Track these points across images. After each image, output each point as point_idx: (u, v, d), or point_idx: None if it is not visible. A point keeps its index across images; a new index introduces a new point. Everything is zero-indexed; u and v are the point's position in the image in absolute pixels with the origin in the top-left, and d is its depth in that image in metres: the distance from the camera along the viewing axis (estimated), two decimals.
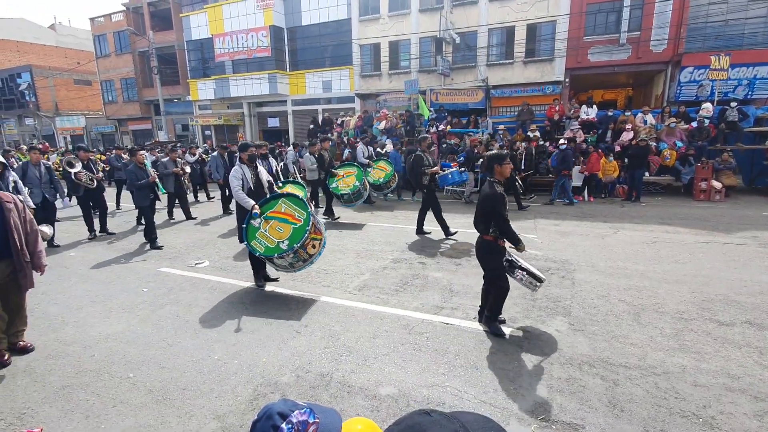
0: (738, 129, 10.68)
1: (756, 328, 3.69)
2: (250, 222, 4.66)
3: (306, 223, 4.41)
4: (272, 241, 4.45)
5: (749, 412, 2.62)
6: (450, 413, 0.69)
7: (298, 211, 4.54)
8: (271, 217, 4.62)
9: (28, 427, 2.64)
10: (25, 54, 34.07)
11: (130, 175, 6.91)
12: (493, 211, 3.48)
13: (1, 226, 3.21)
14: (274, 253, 4.35)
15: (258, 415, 0.79)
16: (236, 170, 4.85)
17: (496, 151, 3.75)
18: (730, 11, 13.17)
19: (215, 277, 5.42)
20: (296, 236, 4.37)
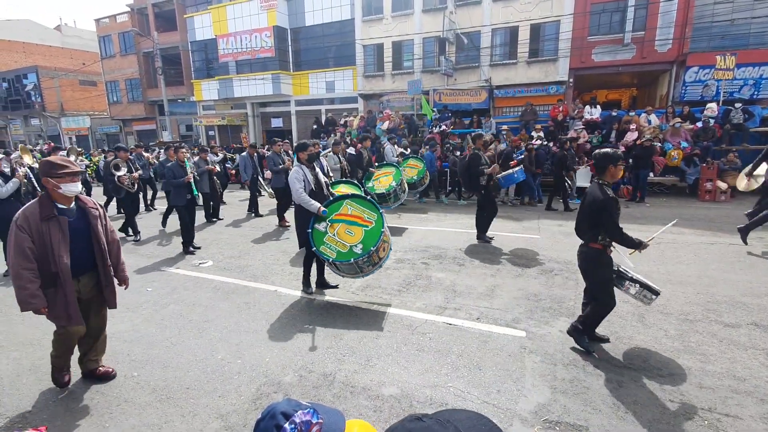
0: (744, 129, 10.61)
1: (762, 329, 3.66)
2: (315, 226, 4.37)
3: (380, 225, 4.19)
4: (344, 246, 4.17)
5: (755, 414, 2.60)
6: (442, 415, 0.68)
7: (368, 213, 4.30)
8: (338, 220, 4.34)
9: (33, 425, 2.66)
10: (31, 55, 34.34)
11: (169, 173, 6.61)
12: (604, 217, 3.13)
13: (85, 235, 2.85)
14: (348, 258, 4.05)
15: (262, 414, 0.79)
16: (297, 171, 4.54)
17: (610, 150, 3.28)
18: (736, 10, 13.07)
19: (219, 277, 5.44)
20: (370, 239, 4.12)
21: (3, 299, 4.92)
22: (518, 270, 5.38)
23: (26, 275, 2.59)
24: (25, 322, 4.24)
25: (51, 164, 2.69)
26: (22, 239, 2.58)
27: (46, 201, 2.70)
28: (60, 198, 2.72)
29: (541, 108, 14.89)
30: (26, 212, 2.64)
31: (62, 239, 2.68)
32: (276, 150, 8.82)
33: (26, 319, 4.32)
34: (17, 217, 2.63)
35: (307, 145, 4.69)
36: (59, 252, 2.67)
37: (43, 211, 2.65)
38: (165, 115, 23.59)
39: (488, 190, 6.45)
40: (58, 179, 2.66)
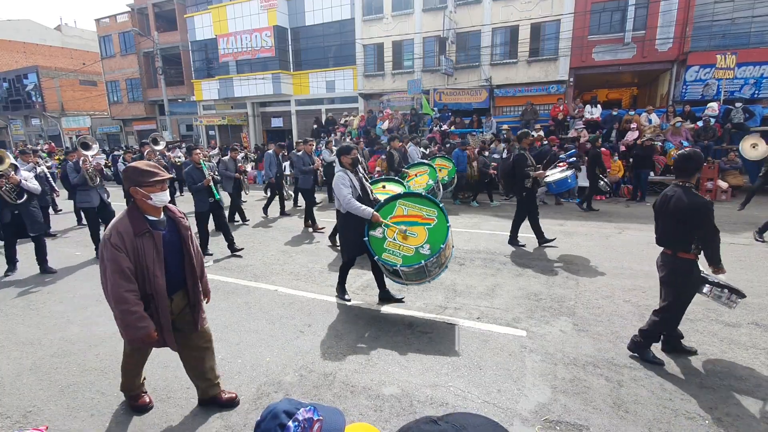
0: (744, 128, 10.59)
1: (763, 329, 3.66)
2: (371, 234, 4.01)
3: (443, 219, 3.85)
4: (409, 249, 3.84)
5: (756, 414, 2.59)
6: (457, 420, 0.66)
7: (426, 209, 3.97)
8: (396, 223, 3.98)
9: (34, 425, 2.66)
10: (31, 55, 34.36)
11: (188, 177, 6.18)
12: (705, 224, 2.85)
13: (176, 249, 2.51)
14: (417, 261, 3.73)
15: (262, 415, 0.79)
16: (342, 177, 4.16)
17: (694, 153, 3.04)
18: (737, 10, 13.05)
19: (219, 277, 5.44)
20: (437, 237, 3.80)
21: (3, 299, 4.93)
22: (518, 269, 5.38)
23: (131, 298, 2.26)
24: (26, 322, 4.24)
25: (138, 171, 2.33)
26: (120, 259, 2.25)
27: (137, 214, 2.35)
28: (150, 209, 2.38)
29: (542, 107, 14.89)
30: (119, 228, 2.29)
31: (157, 256, 2.37)
32: (308, 150, 8.30)
33: (26, 318, 4.33)
34: (109, 234, 2.28)
35: (351, 149, 4.29)
36: (154, 271, 2.35)
37: (135, 226, 2.31)
38: (165, 115, 23.59)
39: (532, 193, 6.08)
40: (147, 188, 2.31)
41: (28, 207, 5.56)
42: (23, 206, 5.50)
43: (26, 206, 5.53)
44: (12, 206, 5.43)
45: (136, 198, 2.35)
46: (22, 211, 5.50)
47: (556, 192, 7.07)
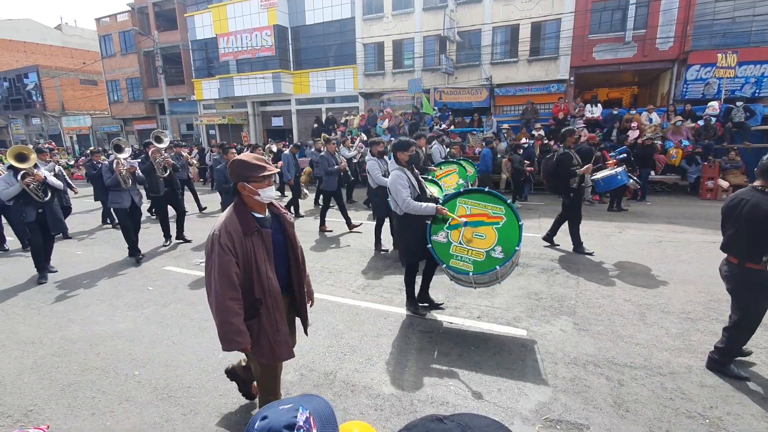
0: (745, 127, 10.58)
1: (763, 328, 3.65)
2: (434, 239, 3.63)
3: (514, 217, 3.46)
4: (479, 253, 3.46)
5: (757, 413, 2.59)
6: (462, 419, 0.66)
7: (492, 207, 3.56)
8: (458, 225, 3.58)
9: (35, 424, 2.66)
10: (31, 54, 34.35)
11: (220, 175, 6.16)
12: None
13: (282, 248, 2.32)
14: (491, 267, 3.37)
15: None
16: (399, 175, 3.79)
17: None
18: (738, 8, 13.02)
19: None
20: (508, 237, 3.43)
21: (4, 298, 4.93)
22: (519, 269, 5.37)
23: (233, 308, 2.06)
24: (26, 321, 4.25)
25: (246, 165, 2.15)
26: (229, 263, 2.04)
27: (244, 211, 2.16)
28: (256, 206, 2.21)
29: (542, 107, 14.87)
30: (228, 227, 2.09)
31: (267, 257, 2.18)
32: (331, 149, 7.92)
33: (27, 317, 4.34)
34: (218, 234, 2.07)
35: (410, 144, 3.90)
36: (266, 273, 2.16)
37: (244, 225, 2.11)
38: (166, 115, 23.59)
39: (578, 193, 5.76)
40: (256, 183, 2.13)
41: (52, 205, 5.45)
42: (48, 204, 5.39)
43: (51, 204, 5.43)
44: (37, 204, 5.30)
45: (242, 194, 2.18)
46: (46, 210, 5.38)
47: (603, 190, 6.61)
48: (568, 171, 5.56)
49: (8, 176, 5.20)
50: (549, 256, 5.81)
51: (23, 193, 5.18)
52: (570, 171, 5.55)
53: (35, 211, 5.31)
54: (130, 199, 6.15)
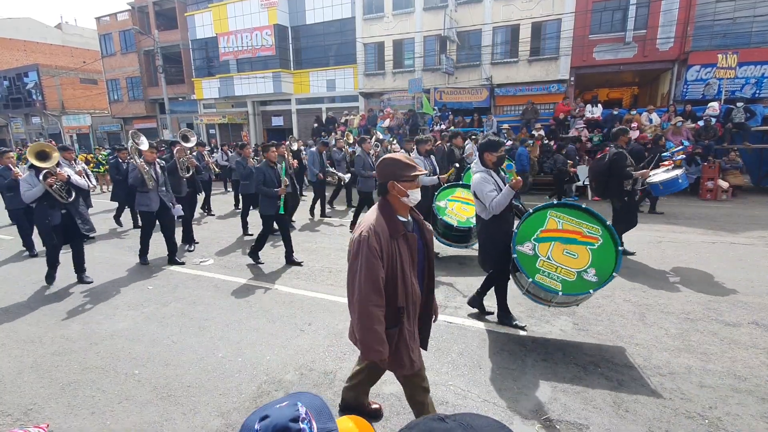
0: (745, 128, 10.58)
1: (763, 329, 3.66)
2: (519, 249, 3.41)
3: (611, 240, 3.26)
4: (569, 273, 3.24)
5: (756, 413, 2.60)
6: (464, 419, 0.67)
7: (587, 225, 3.35)
8: (546, 238, 3.39)
9: (35, 422, 2.66)
10: (32, 53, 34.33)
11: (259, 176, 5.64)
12: None
13: (422, 255, 2.17)
14: (584, 290, 3.17)
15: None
16: (485, 177, 3.57)
17: None
18: (738, 9, 13.03)
19: (219, 275, 5.44)
20: (604, 260, 3.22)
21: (3, 297, 4.93)
22: None
23: (378, 314, 1.95)
24: (27, 320, 4.25)
25: (399, 163, 2.03)
26: (377, 267, 1.92)
27: (390, 213, 2.04)
28: (401, 208, 2.07)
29: (543, 106, 14.87)
30: (375, 228, 1.96)
31: (412, 263, 2.05)
32: (367, 148, 7.50)
33: (27, 316, 4.34)
34: (366, 235, 1.94)
35: (499, 144, 3.65)
36: (411, 279, 2.04)
37: (391, 227, 1.99)
38: (166, 114, 23.57)
39: (632, 197, 5.47)
40: (406, 183, 2.01)
41: (77, 206, 5.07)
42: (73, 205, 5.00)
43: (75, 205, 5.04)
44: (61, 206, 4.91)
45: (390, 194, 2.05)
46: (71, 211, 4.98)
47: (663, 194, 6.15)
48: (623, 172, 5.13)
49: (30, 176, 4.79)
50: None
51: (47, 195, 4.78)
52: (625, 172, 5.11)
53: (60, 212, 4.93)
54: (158, 201, 5.73)
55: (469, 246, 5.60)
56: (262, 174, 5.57)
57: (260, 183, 5.56)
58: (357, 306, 1.97)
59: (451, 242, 5.57)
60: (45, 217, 4.84)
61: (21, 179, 4.92)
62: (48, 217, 4.84)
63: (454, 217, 5.40)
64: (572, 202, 3.70)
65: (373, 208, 2.11)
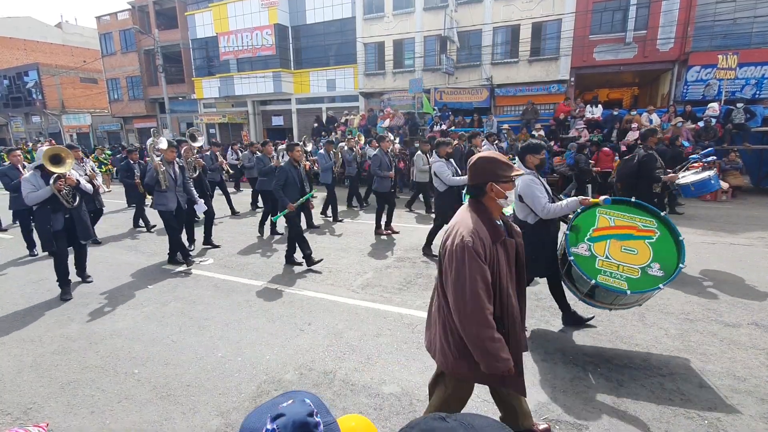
0: (745, 129, 10.58)
1: (763, 329, 3.66)
2: (574, 251, 3.22)
3: (669, 232, 3.14)
4: (633, 270, 3.04)
5: (755, 414, 2.60)
6: (465, 419, 0.67)
7: (641, 219, 3.22)
8: (601, 237, 3.23)
9: (35, 421, 2.66)
10: (32, 52, 34.32)
11: (282, 175, 5.43)
12: None
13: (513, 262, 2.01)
14: (653, 285, 2.95)
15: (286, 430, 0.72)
16: (533, 180, 3.45)
17: None
18: (738, 10, 13.03)
19: (219, 275, 5.44)
20: (666, 253, 3.07)
21: (2, 296, 4.93)
22: None
23: (492, 322, 1.80)
24: (26, 319, 4.25)
25: (498, 163, 1.91)
26: (483, 271, 1.79)
27: (487, 215, 1.91)
28: (497, 211, 1.95)
29: (543, 107, 14.87)
30: (478, 232, 1.83)
31: (509, 271, 1.92)
32: (385, 147, 7.32)
33: (27, 315, 4.34)
34: (469, 240, 1.80)
35: (541, 147, 3.56)
36: (508, 289, 1.90)
37: (493, 231, 1.86)
38: (166, 113, 23.57)
39: (661, 199, 5.32)
40: (504, 184, 1.90)
41: (80, 211, 4.87)
42: (76, 210, 4.81)
43: (79, 210, 4.85)
44: (65, 210, 4.70)
45: (486, 196, 1.92)
46: (74, 216, 4.78)
47: (694, 195, 5.84)
48: (652, 175, 4.89)
49: (33, 177, 4.56)
50: None
51: (52, 198, 4.56)
52: (654, 175, 4.88)
53: (63, 217, 4.71)
54: (176, 200, 5.73)
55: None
56: (284, 174, 5.31)
57: (280, 184, 5.29)
58: (471, 317, 1.78)
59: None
60: (47, 221, 4.61)
61: (23, 179, 4.61)
62: (50, 222, 4.62)
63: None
64: (621, 197, 3.53)
65: (463, 211, 1.97)
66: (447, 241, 1.90)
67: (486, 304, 1.80)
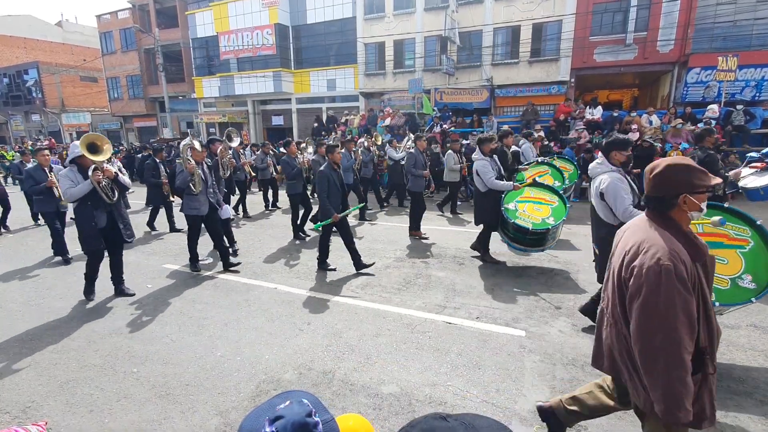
0: (745, 131, 10.60)
1: (761, 331, 3.67)
2: None
3: (765, 243, 2.97)
4: (723, 281, 2.99)
5: (754, 416, 2.60)
6: (466, 419, 0.67)
7: (733, 227, 3.08)
8: None
9: (33, 420, 2.66)
10: (32, 51, 34.29)
11: (323, 181, 5.13)
12: None
13: None
14: (746, 298, 2.92)
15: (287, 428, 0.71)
16: (620, 179, 3.27)
17: None
18: (738, 12, 13.05)
19: (218, 274, 5.44)
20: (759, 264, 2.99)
21: (2, 294, 4.93)
22: (518, 269, 5.38)
23: (688, 363, 1.55)
24: (25, 317, 4.24)
25: (695, 171, 1.64)
26: (690, 303, 1.54)
27: (682, 229, 1.66)
28: (686, 225, 1.70)
29: (543, 108, 14.88)
30: (678, 253, 1.57)
31: (710, 292, 1.67)
32: (421, 147, 7.13)
33: (26, 314, 4.33)
34: (668, 264, 1.53)
35: (628, 143, 3.40)
36: (711, 313, 1.65)
37: (692, 250, 1.61)
38: (166, 112, 23.58)
39: (723, 201, 5.00)
40: (699, 196, 1.64)
41: (120, 207, 4.48)
42: (116, 207, 4.41)
43: (119, 207, 4.45)
44: (106, 206, 4.32)
45: (680, 208, 1.66)
46: (115, 213, 4.40)
47: (763, 200, 5.27)
48: (718, 175, 4.59)
49: (70, 171, 4.20)
50: (547, 258, 5.82)
51: (92, 193, 4.17)
52: (720, 175, 4.62)
53: (104, 214, 4.32)
54: (208, 204, 5.29)
55: (545, 250, 5.27)
56: (326, 179, 5.02)
57: (325, 191, 4.99)
58: (663, 352, 1.54)
59: (526, 247, 5.19)
60: (90, 219, 4.22)
61: (60, 175, 4.27)
62: (94, 219, 4.23)
63: (528, 219, 5.02)
64: (712, 203, 3.29)
65: (644, 226, 1.72)
66: (633, 261, 1.64)
67: (686, 341, 1.53)
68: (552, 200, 5.18)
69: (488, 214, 5.41)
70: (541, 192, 5.31)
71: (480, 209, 5.55)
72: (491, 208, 5.34)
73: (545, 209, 4.89)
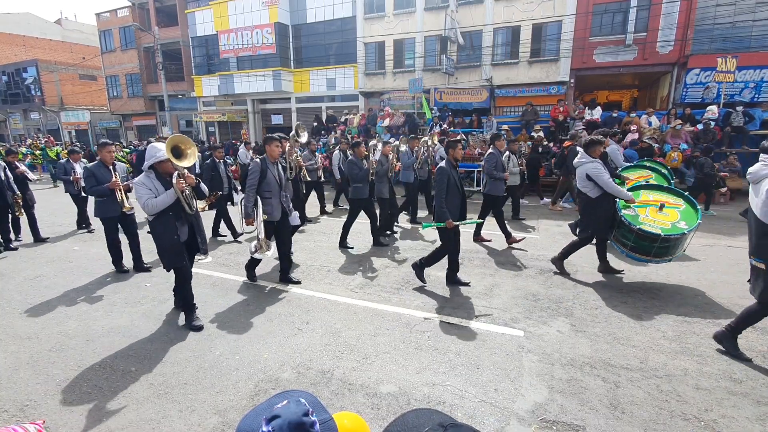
0: (744, 132, 10.62)
1: (759, 332, 3.68)
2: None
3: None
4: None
5: (751, 416, 2.61)
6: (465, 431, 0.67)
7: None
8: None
9: (31, 419, 2.66)
10: (31, 48, 34.21)
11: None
12: None
13: None
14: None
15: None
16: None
17: None
18: (738, 13, 13.06)
19: (217, 273, 5.44)
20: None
21: (1, 294, 4.92)
22: (517, 270, 5.39)
23: None
24: (23, 316, 4.24)
25: None
26: None
27: None
28: None
29: (543, 108, 14.89)
30: None
31: None
32: (499, 146, 6.79)
33: (24, 312, 4.33)
34: None
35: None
36: None
37: None
38: (165, 111, 23.54)
39: None
40: None
41: (199, 218, 4.00)
42: (195, 218, 3.93)
43: (198, 217, 3.99)
44: (188, 217, 3.83)
45: None
46: (194, 226, 3.92)
47: None
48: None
49: (147, 179, 3.61)
50: (546, 258, 5.82)
51: (174, 203, 3.65)
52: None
53: (186, 226, 3.83)
54: (281, 208, 4.74)
55: (672, 260, 4.76)
56: (445, 177, 4.56)
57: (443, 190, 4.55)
58: None
59: (650, 257, 4.60)
60: (173, 232, 3.68)
61: (136, 183, 3.64)
62: (177, 232, 3.70)
63: (655, 225, 4.54)
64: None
65: None
66: None
67: None
68: (677, 203, 4.84)
69: (602, 223, 4.84)
70: (660, 195, 4.97)
71: (591, 218, 4.89)
72: (604, 216, 4.80)
73: (672, 213, 4.58)
